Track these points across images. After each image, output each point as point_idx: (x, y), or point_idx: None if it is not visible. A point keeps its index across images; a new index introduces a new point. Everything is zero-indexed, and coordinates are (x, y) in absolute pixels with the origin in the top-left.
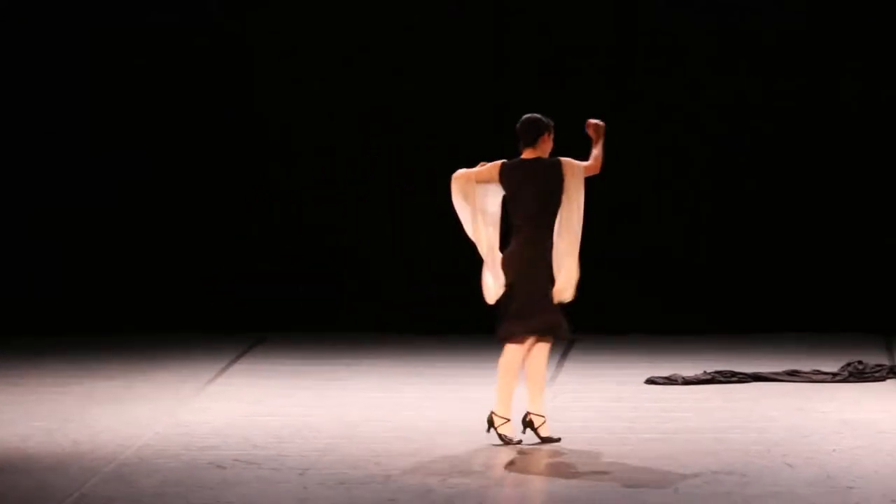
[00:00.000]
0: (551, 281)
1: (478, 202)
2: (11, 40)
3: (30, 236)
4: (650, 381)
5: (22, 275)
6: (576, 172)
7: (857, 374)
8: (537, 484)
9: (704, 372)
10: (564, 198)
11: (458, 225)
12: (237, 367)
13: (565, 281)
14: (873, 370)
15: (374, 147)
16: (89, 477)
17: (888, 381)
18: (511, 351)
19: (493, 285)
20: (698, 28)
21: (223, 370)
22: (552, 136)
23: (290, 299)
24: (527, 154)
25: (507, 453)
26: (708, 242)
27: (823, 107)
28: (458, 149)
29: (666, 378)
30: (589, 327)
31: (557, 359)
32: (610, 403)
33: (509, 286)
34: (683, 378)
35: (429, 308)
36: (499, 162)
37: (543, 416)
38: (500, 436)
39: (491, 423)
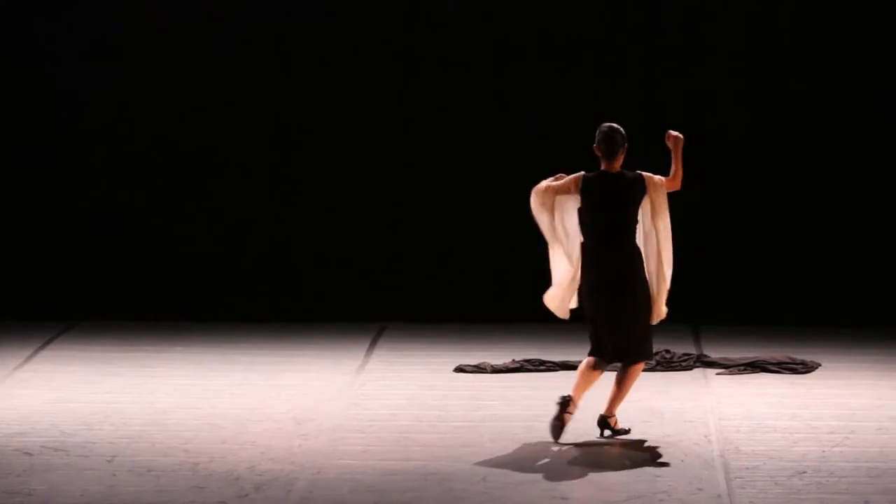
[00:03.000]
0: (631, 300)
1: (556, 215)
2: None
3: None
4: (459, 369)
5: None
6: (658, 189)
7: (664, 364)
8: (346, 471)
9: (513, 360)
10: (650, 216)
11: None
12: (44, 353)
13: (660, 304)
14: (681, 359)
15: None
16: None
17: (695, 370)
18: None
19: (564, 302)
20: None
21: (30, 357)
22: (625, 149)
23: (101, 287)
24: (606, 166)
25: (315, 441)
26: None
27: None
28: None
29: (475, 366)
30: (399, 315)
31: (367, 346)
32: (419, 391)
33: (591, 309)
34: (492, 366)
35: (240, 294)
36: (579, 174)
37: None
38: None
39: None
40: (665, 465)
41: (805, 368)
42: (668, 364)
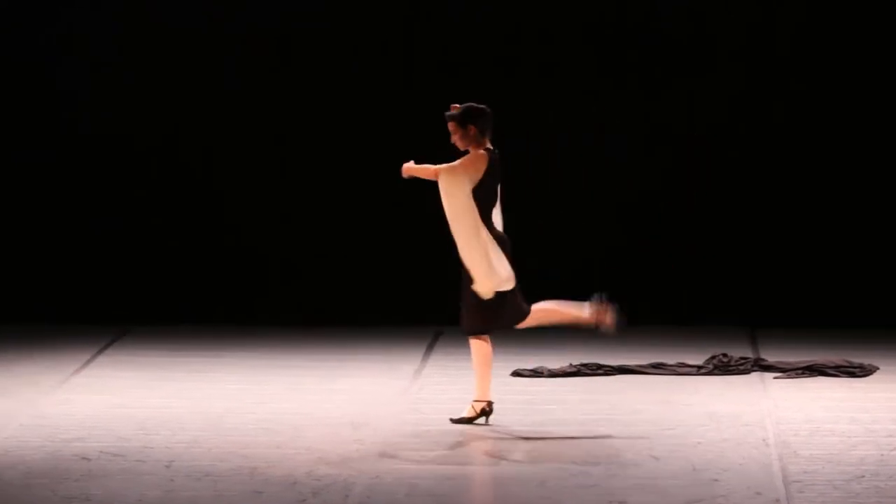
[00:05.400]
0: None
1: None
2: None
3: None
4: (516, 374)
5: None
6: None
7: (721, 367)
8: (403, 476)
9: (570, 364)
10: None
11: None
12: (101, 359)
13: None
14: (738, 363)
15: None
16: None
17: (752, 373)
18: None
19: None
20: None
21: (87, 362)
22: None
23: (155, 292)
24: (488, 144)
25: (372, 445)
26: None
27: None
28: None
29: (532, 370)
30: (455, 319)
31: (424, 350)
32: None
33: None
34: (549, 370)
35: (291, 300)
36: (482, 152)
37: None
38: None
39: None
40: (723, 469)
41: (863, 372)
42: (726, 368)
